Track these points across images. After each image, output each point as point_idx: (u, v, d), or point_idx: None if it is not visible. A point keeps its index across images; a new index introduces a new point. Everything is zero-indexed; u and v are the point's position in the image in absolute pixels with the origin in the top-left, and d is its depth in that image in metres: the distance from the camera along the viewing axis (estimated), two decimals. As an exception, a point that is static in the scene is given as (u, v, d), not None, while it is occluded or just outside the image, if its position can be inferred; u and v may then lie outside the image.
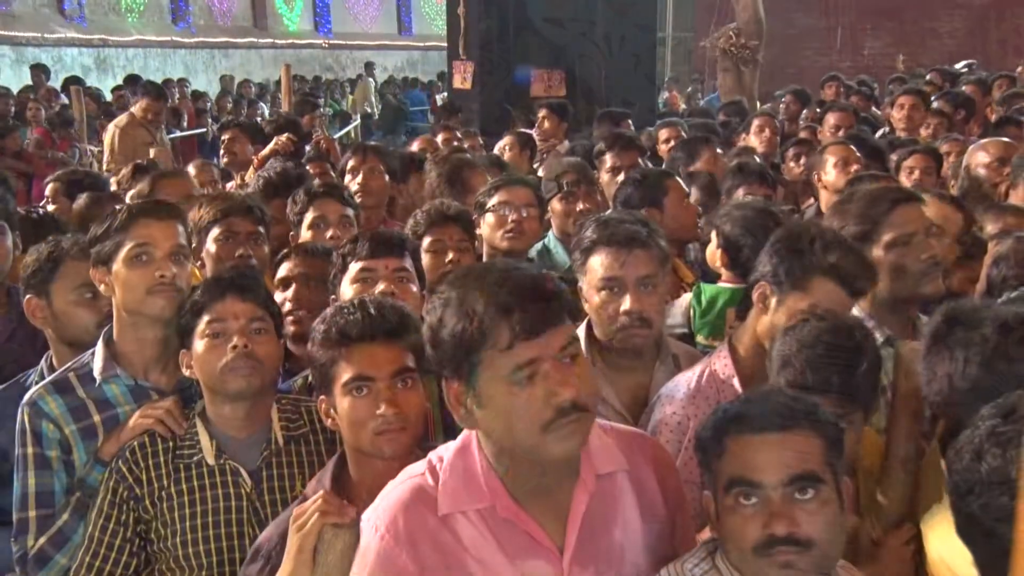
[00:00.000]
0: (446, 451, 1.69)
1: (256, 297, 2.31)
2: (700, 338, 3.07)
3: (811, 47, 18.61)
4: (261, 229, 3.19)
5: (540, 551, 1.62)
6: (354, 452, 2.02)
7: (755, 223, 3.03)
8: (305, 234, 3.36)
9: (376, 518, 1.65)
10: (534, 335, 1.51)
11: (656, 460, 1.82)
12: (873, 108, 6.55)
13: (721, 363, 2.36)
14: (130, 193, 4.24)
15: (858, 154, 4.45)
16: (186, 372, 2.33)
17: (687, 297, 3.22)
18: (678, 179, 3.79)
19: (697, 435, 1.73)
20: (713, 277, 3.24)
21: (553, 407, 1.52)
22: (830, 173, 4.38)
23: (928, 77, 10.27)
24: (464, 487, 1.63)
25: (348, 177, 4.19)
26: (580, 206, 3.87)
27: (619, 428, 1.84)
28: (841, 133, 5.77)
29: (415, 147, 6.00)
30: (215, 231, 3.12)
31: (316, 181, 3.71)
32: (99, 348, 2.46)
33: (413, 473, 1.68)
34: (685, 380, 2.36)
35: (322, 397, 2.06)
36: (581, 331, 2.45)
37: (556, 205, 3.85)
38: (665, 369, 2.53)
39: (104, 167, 7.27)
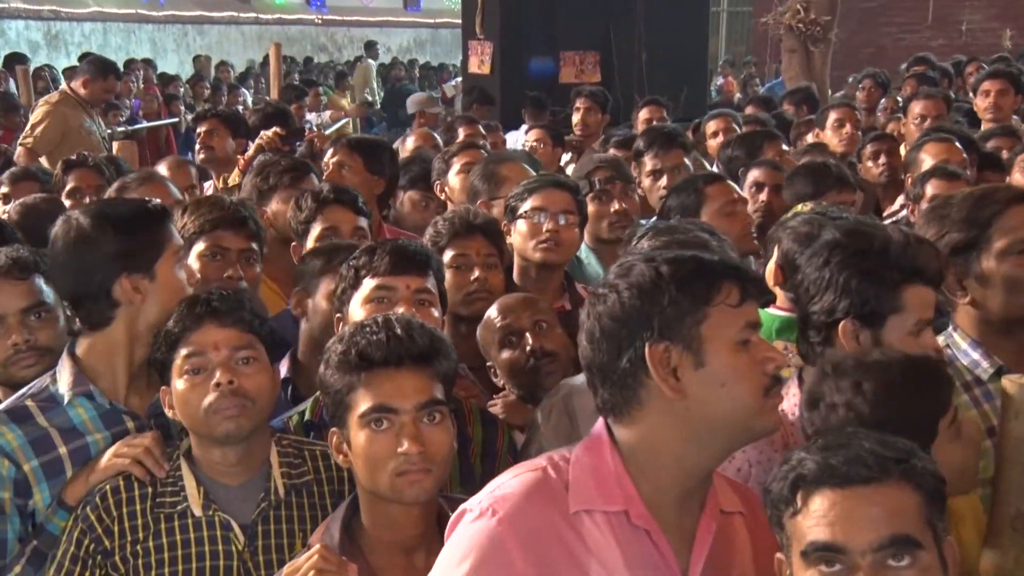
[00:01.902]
0: (567, 451, 1.79)
1: (239, 321, 2.31)
2: None
3: (894, 22, 18.39)
4: (255, 245, 3.18)
5: (664, 569, 1.71)
6: (369, 496, 2.04)
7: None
8: (311, 246, 3.34)
9: (494, 502, 1.71)
10: (756, 298, 1.76)
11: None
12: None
13: (790, 401, 2.31)
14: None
15: (964, 154, 4.40)
16: (168, 413, 2.34)
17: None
18: (723, 183, 3.80)
19: (766, 489, 1.73)
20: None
21: (770, 374, 1.72)
22: None
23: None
24: (596, 486, 1.73)
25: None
26: (615, 206, 3.90)
27: (722, 474, 1.92)
28: (928, 125, 5.68)
29: (409, 145, 5.93)
30: (200, 245, 3.10)
31: (326, 185, 3.71)
32: (64, 362, 2.48)
33: (532, 467, 1.76)
34: None
35: (334, 430, 2.07)
36: None
37: (588, 207, 3.86)
38: None
39: (20, 141, 7.23)
